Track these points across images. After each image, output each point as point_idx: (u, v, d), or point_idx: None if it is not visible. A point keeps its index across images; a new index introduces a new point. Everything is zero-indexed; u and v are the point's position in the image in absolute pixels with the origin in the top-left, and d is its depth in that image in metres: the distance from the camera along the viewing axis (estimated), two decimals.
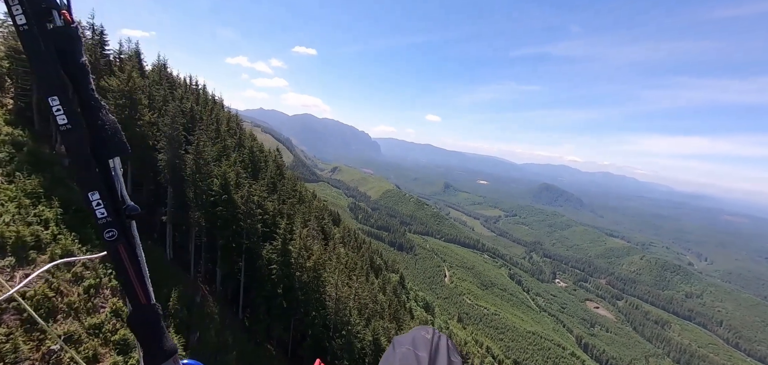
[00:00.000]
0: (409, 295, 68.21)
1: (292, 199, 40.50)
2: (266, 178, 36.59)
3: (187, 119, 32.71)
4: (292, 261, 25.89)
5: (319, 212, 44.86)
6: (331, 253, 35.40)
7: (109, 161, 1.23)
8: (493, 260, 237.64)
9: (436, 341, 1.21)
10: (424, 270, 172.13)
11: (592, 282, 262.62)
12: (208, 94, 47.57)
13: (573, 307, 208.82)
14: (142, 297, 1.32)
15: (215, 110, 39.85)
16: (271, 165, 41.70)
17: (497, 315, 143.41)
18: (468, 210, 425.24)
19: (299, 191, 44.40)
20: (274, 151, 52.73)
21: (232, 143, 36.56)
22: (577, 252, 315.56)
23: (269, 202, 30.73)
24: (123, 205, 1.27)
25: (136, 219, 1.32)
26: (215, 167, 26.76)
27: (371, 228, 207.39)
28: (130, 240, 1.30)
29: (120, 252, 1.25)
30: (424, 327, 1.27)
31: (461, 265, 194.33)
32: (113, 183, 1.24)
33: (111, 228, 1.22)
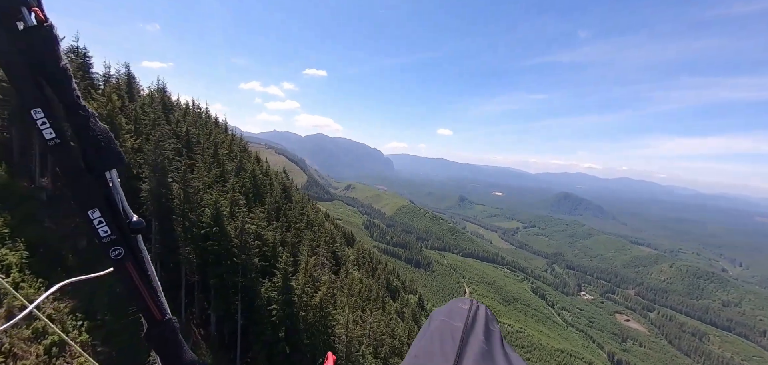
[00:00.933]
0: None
1: (300, 224, 37.57)
2: (268, 204, 34.11)
3: (182, 144, 30.71)
4: (296, 299, 22.91)
5: (329, 236, 41.67)
6: (342, 282, 32.21)
7: (106, 174, 1.09)
8: (513, 274, 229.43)
9: (473, 311, 1.18)
10: (443, 287, 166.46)
11: (620, 293, 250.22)
12: (210, 117, 45.75)
13: (602, 321, 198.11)
14: (156, 314, 1.23)
15: (214, 133, 37.52)
16: (276, 188, 39.27)
17: (522, 333, 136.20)
18: (485, 223, 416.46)
19: (307, 215, 41.21)
20: (280, 172, 50.32)
21: (232, 167, 34.28)
22: (601, 262, 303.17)
23: (269, 231, 27.98)
24: (126, 220, 1.15)
25: (142, 233, 1.21)
26: (206, 196, 24.20)
27: (387, 245, 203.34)
28: (138, 256, 1.18)
29: (129, 270, 1.14)
30: (462, 299, 1.26)
31: (481, 280, 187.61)
32: (113, 197, 1.11)
33: (116, 246, 1.10)
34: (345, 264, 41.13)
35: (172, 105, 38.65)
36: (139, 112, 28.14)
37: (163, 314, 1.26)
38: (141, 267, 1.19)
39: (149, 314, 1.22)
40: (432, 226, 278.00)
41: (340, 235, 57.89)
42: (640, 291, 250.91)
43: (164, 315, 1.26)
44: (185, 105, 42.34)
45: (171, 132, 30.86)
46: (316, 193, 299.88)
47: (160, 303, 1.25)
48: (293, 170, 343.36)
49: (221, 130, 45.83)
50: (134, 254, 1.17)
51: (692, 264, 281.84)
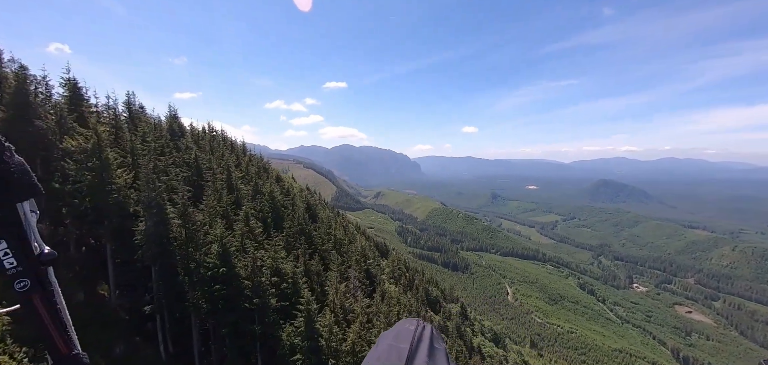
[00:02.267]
0: (474, 327, 60.60)
1: (327, 246, 34.77)
2: (290, 229, 31.66)
3: (192, 172, 28.63)
4: (323, 345, 19.72)
5: (361, 253, 38.86)
6: (378, 307, 29.65)
7: (18, 206, 1.09)
8: (557, 270, 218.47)
9: (419, 332, 1.20)
10: (484, 289, 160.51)
11: (677, 283, 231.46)
12: (227, 140, 43.91)
13: (660, 314, 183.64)
14: (62, 347, 1.18)
15: (227, 157, 35.26)
16: (299, 208, 36.65)
17: (573, 333, 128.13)
18: (521, 218, 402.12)
19: (335, 234, 38.14)
20: (304, 189, 48.76)
21: (247, 191, 31.98)
22: (652, 250, 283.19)
23: (288, 264, 24.75)
24: (38, 252, 1.14)
25: (52, 264, 1.19)
26: (213, 230, 21.24)
27: (422, 250, 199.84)
28: (46, 288, 1.17)
29: (34, 302, 1.13)
30: (410, 319, 1.28)
31: (524, 280, 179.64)
32: (23, 229, 1.10)
33: (22, 278, 1.10)
34: (380, 283, 38.54)
35: (183, 131, 37.05)
36: (135, 143, 25.48)
37: (70, 348, 1.22)
38: (49, 300, 1.17)
39: (55, 348, 1.19)
40: (466, 227, 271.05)
41: (373, 249, 55.48)
42: (700, 279, 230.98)
43: (71, 349, 1.22)
44: (198, 129, 40.77)
45: (180, 160, 29.12)
46: (346, 204, 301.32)
47: (67, 337, 1.21)
48: (322, 183, 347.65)
49: (239, 152, 43.95)
50: (43, 286, 1.16)
51: (758, 245, 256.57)
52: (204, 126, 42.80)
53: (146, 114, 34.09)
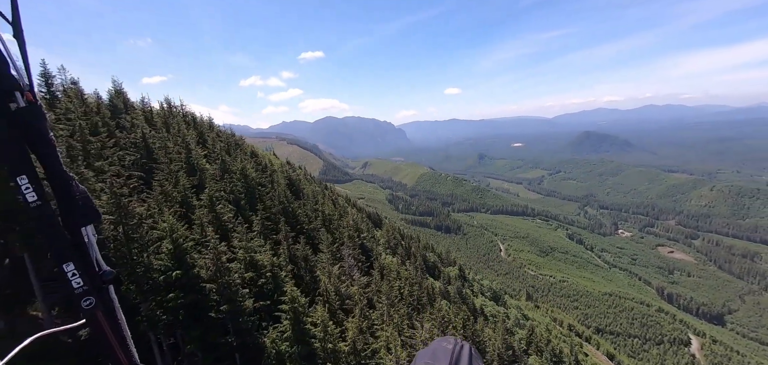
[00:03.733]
0: (474, 288, 61.08)
1: (314, 223, 31.65)
2: (268, 211, 27.55)
3: (141, 154, 24.43)
4: (317, 347, 16.66)
5: (354, 227, 36.15)
6: (377, 284, 27.13)
7: (82, 229, 1.25)
8: (546, 223, 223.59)
9: (457, 351, 1.18)
10: (477, 248, 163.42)
11: (659, 225, 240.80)
12: (188, 115, 38.48)
13: (645, 256, 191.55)
14: (124, 360, 1.32)
15: (185, 133, 30.22)
16: (280, 185, 33.01)
17: (565, 282, 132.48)
18: (508, 176, 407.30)
19: (322, 210, 34.83)
20: (285, 165, 46.00)
21: (213, 172, 27.90)
22: (635, 196, 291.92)
23: (265, 254, 20.73)
24: (99, 271, 1.29)
25: (113, 283, 1.34)
26: (160, 224, 17.13)
27: (414, 216, 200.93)
28: (108, 305, 1.31)
29: (99, 318, 1.26)
30: (446, 338, 1.27)
31: (515, 235, 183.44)
32: (87, 251, 1.25)
33: (88, 296, 1.23)
34: (377, 257, 36.63)
35: (129, 108, 32.06)
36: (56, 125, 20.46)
37: (131, 360, 1.36)
38: (111, 316, 1.32)
39: (117, 360, 1.31)
40: (455, 189, 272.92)
41: (366, 220, 53.89)
42: (680, 220, 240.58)
43: (132, 361, 1.36)
44: (153, 106, 35.00)
45: (127, 141, 24.77)
46: (334, 177, 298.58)
47: (128, 350, 1.35)
48: (308, 158, 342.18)
49: (204, 127, 38.62)
50: (105, 303, 1.30)
51: (734, 183, 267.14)
52: (162, 102, 37.68)
53: (81, 91, 28.38)
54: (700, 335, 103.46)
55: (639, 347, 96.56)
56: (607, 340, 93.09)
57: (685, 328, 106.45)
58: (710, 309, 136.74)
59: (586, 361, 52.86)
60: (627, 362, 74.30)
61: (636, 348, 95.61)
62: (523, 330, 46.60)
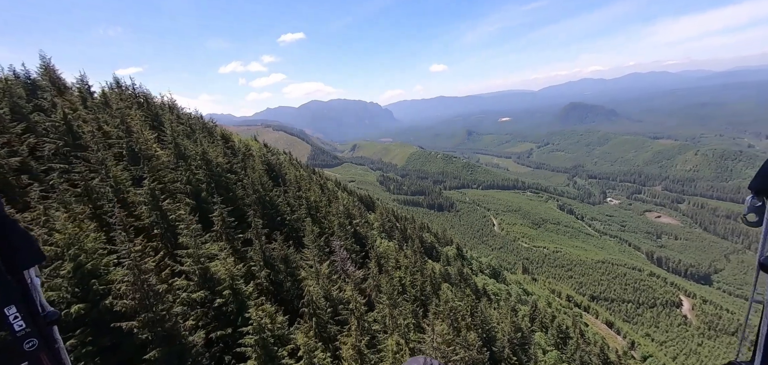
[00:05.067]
0: (473, 266, 60.18)
1: (298, 213, 27.80)
2: (231, 204, 23.04)
3: (64, 141, 19.93)
4: None
5: (344, 214, 33.15)
6: (376, 279, 24.15)
7: (25, 272, 1.21)
8: (537, 196, 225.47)
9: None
10: (471, 224, 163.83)
11: (646, 191, 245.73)
12: (139, 95, 32.47)
13: (633, 223, 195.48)
14: None
15: (124, 113, 24.16)
16: (255, 171, 28.57)
17: (559, 252, 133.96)
18: (497, 151, 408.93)
19: (307, 197, 31.04)
20: (262, 148, 42.64)
21: (167, 160, 23.10)
22: (623, 164, 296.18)
23: (222, 264, 15.34)
24: (43, 313, 1.26)
25: (56, 323, 1.31)
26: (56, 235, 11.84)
27: (406, 196, 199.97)
28: (52, 346, 1.29)
29: (42, 360, 1.23)
30: (416, 358, 1.20)
31: (507, 209, 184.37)
32: (30, 293, 1.23)
33: (30, 338, 1.20)
34: (372, 245, 33.34)
35: (60, 89, 26.88)
36: None
37: None
38: (55, 357, 1.30)
39: None
40: (446, 167, 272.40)
41: (358, 204, 51.81)
42: (666, 186, 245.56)
43: None
44: (84, 84, 28.90)
45: (51, 126, 20.40)
46: (323, 161, 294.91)
47: None
48: (295, 143, 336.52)
49: (158, 109, 32.49)
50: (48, 344, 1.28)
51: (717, 147, 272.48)
52: (110, 83, 32.02)
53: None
54: (690, 296, 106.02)
55: (633, 311, 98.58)
56: (602, 307, 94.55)
57: (676, 290, 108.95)
58: (697, 269, 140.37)
59: (588, 332, 52.74)
60: (623, 327, 75.28)
61: (630, 313, 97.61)
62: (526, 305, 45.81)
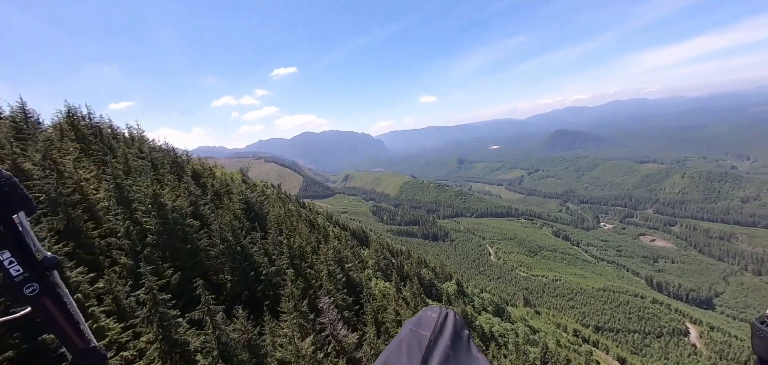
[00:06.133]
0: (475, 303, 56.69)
1: (278, 264, 21.07)
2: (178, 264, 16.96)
3: None
4: None
5: (335, 259, 26.57)
6: (373, 343, 17.81)
7: (14, 217, 1.16)
8: (531, 222, 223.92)
9: (441, 319, 1.18)
10: (467, 254, 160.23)
11: (638, 215, 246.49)
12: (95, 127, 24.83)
13: (629, 247, 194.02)
14: (79, 342, 1.26)
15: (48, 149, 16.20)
16: (225, 213, 22.74)
17: (558, 280, 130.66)
18: (489, 178, 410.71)
19: (289, 243, 22.93)
20: (240, 184, 37.84)
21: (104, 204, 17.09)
22: (612, 189, 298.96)
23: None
24: (41, 258, 1.22)
25: (56, 268, 1.26)
26: None
27: (399, 226, 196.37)
28: (54, 290, 1.25)
29: (45, 304, 1.20)
30: (432, 307, 1.25)
31: (502, 237, 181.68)
32: (23, 238, 1.18)
33: (30, 283, 1.17)
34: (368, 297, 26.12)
35: None
36: None
37: (86, 342, 1.29)
38: (59, 301, 1.25)
39: (72, 345, 1.26)
40: (439, 196, 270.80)
41: (351, 242, 48.04)
42: (658, 208, 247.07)
43: (88, 343, 1.29)
44: None
45: None
46: (315, 192, 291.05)
47: (82, 332, 1.28)
48: (287, 175, 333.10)
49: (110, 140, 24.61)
50: (50, 289, 1.23)
51: (703, 169, 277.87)
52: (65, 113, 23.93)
53: None
54: (696, 323, 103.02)
55: (640, 342, 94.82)
56: (609, 339, 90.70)
57: (681, 317, 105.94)
58: (698, 294, 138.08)
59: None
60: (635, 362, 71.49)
61: (638, 344, 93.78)
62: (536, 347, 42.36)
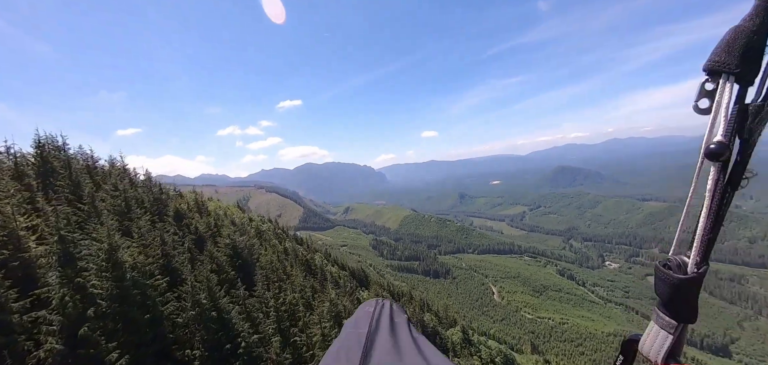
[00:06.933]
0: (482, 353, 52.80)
1: (263, 329, 17.26)
2: None
3: None
4: None
5: (331, 315, 20.51)
6: None
7: None
8: (535, 260, 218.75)
9: (377, 311, 1.15)
10: (469, 292, 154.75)
11: (644, 254, 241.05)
12: None
13: (636, 288, 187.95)
14: None
15: None
16: (211, 257, 19.04)
17: (565, 323, 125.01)
18: (490, 214, 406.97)
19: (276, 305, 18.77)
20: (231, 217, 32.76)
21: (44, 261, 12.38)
22: (616, 227, 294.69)
23: None
24: None
25: None
26: None
27: (399, 261, 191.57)
28: None
29: None
30: (369, 302, 1.23)
31: (505, 276, 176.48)
32: None
33: None
34: None
35: None
36: None
37: None
38: None
39: None
40: (440, 231, 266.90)
41: (350, 284, 44.58)
42: (663, 248, 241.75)
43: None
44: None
45: None
46: (315, 224, 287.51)
47: None
48: (287, 205, 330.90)
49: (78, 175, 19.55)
50: None
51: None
52: None
53: None
54: None
55: None
56: None
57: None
58: (713, 340, 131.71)
59: None
60: None
61: None
62: None
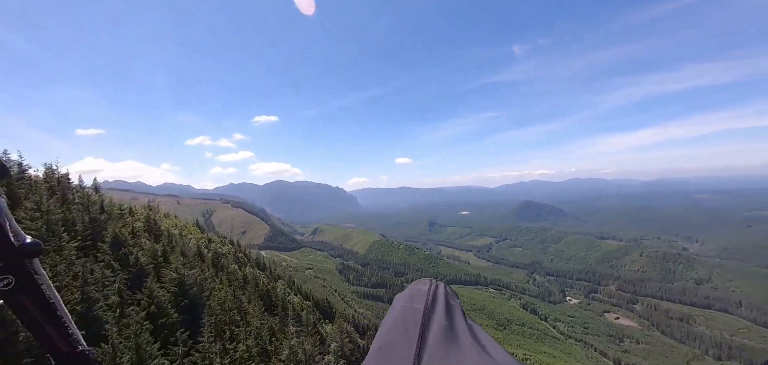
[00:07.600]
0: None
1: None
2: None
3: None
4: None
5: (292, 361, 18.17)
6: None
7: None
8: (499, 293, 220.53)
9: (433, 291, 1.16)
10: None
11: (601, 290, 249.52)
12: None
13: (595, 324, 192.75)
14: (63, 346, 0.99)
15: None
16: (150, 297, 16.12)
17: (528, 359, 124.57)
18: (458, 244, 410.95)
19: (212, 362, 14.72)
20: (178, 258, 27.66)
21: None
22: (576, 263, 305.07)
23: None
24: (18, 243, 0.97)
25: (38, 256, 0.98)
26: None
27: (366, 288, 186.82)
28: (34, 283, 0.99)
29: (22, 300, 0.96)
30: (423, 280, 1.21)
31: (471, 307, 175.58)
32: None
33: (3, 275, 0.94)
34: None
35: None
36: None
37: (73, 345, 1.02)
38: (38, 295, 1.00)
39: (55, 348, 0.99)
40: (408, 258, 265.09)
41: (313, 316, 41.14)
42: (620, 285, 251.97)
43: (75, 346, 1.02)
44: None
45: None
46: (281, 244, 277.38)
47: (68, 334, 1.02)
48: (253, 222, 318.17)
49: None
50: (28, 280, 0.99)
51: (659, 249, 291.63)
52: None
53: None
54: None
55: None
56: None
57: None
58: None
59: None
60: None
61: None
62: None
